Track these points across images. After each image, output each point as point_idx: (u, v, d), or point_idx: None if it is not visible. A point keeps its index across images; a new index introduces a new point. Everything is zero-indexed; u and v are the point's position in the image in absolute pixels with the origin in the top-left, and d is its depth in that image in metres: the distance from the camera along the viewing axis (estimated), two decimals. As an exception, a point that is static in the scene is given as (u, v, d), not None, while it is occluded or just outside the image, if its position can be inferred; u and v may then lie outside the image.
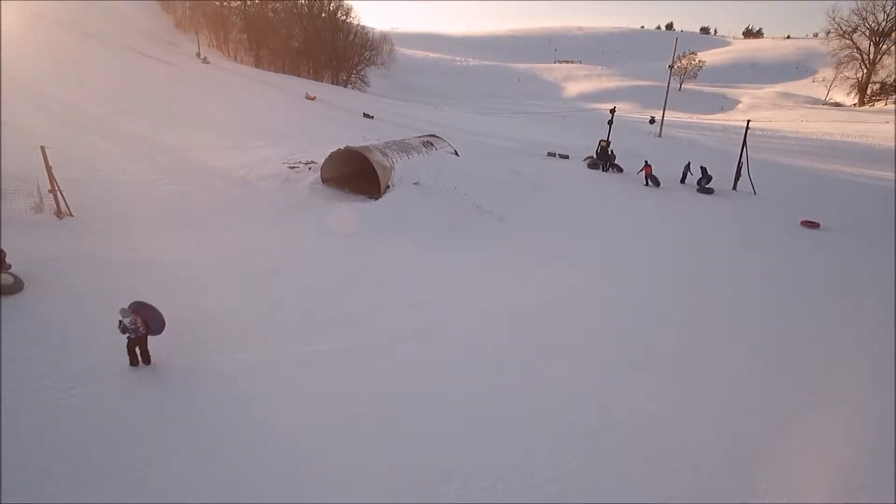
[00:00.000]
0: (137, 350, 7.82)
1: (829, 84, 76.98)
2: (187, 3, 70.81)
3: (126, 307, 7.75)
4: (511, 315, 11.09)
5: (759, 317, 11.75)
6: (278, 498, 5.76)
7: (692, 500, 6.03)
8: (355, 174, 20.38)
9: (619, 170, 27.71)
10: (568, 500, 5.92)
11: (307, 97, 47.13)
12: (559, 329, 10.56)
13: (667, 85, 48.23)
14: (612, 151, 28.34)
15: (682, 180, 25.76)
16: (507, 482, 6.10)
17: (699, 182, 24.95)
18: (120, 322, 7.58)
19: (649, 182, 25.52)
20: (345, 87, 73.28)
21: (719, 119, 60.37)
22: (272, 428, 6.86)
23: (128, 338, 7.66)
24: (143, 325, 7.67)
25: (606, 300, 12.41)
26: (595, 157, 29.00)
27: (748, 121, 26.30)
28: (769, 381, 8.97)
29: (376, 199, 18.49)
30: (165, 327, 8.00)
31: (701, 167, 25.14)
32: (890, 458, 6.97)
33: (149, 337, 7.94)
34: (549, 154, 31.16)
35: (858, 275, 14.91)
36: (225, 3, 71.98)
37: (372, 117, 42.62)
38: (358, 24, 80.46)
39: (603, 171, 27.90)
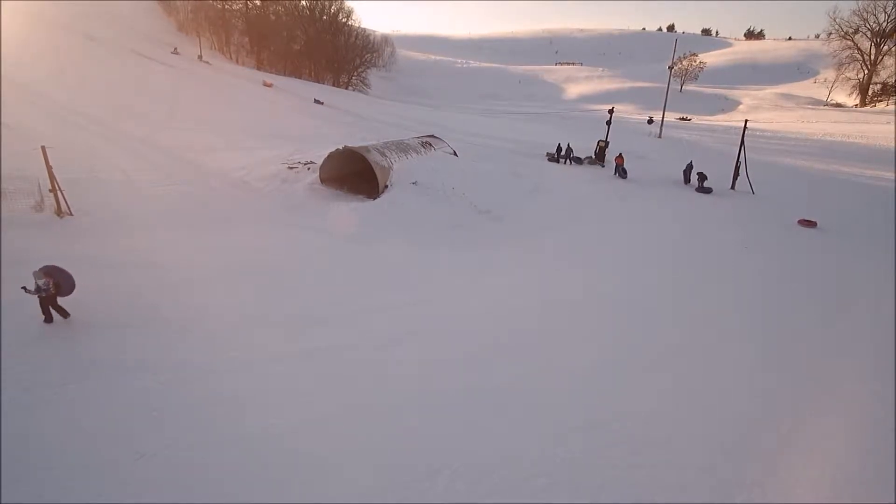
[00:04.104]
0: (50, 308, 8.70)
1: (831, 85, 76.99)
2: (189, 6, 71.21)
3: (38, 270, 8.51)
4: (508, 315, 11.13)
5: (754, 315, 11.78)
6: (268, 492, 5.82)
7: (678, 493, 6.08)
8: (354, 174, 20.51)
9: (579, 162, 29.43)
10: (554, 493, 5.98)
11: (264, 84, 50.39)
12: (556, 328, 10.60)
13: (667, 86, 48.37)
14: (569, 145, 29.76)
15: (686, 181, 25.77)
16: (494, 476, 6.15)
17: (687, 176, 25.64)
18: (35, 284, 8.37)
19: (618, 173, 26.66)
20: (346, 89, 73.58)
21: (720, 120, 60.41)
22: (264, 424, 6.92)
23: (39, 297, 8.51)
24: (54, 286, 8.55)
25: (605, 299, 12.44)
26: (594, 156, 29.52)
27: (745, 121, 26.39)
28: (764, 380, 8.97)
29: (374, 199, 18.60)
30: (76, 289, 8.88)
31: (689, 166, 25.56)
32: (890, 458, 6.98)
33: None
34: (549, 155, 31.33)
35: (855, 273, 14.92)
36: (226, 6, 72.36)
37: (322, 103, 46.05)
38: (359, 27, 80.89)
39: (565, 163, 29.57)
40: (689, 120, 58.97)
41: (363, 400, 7.61)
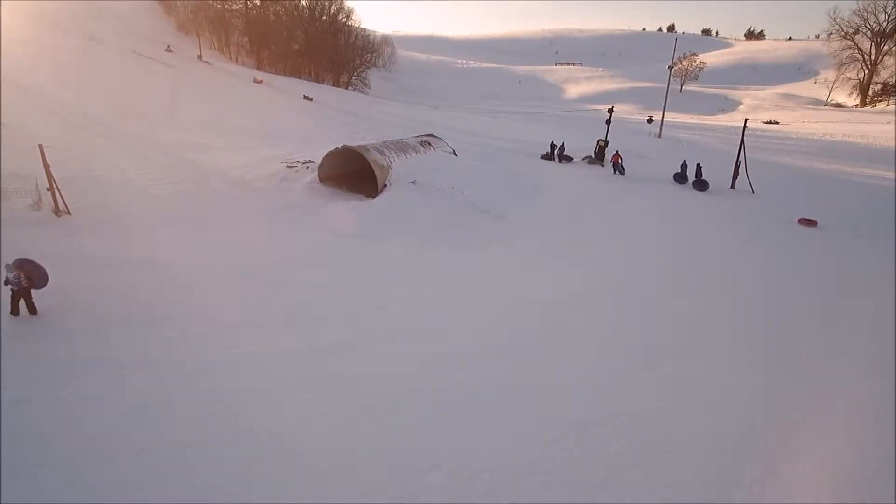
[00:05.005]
0: (22, 301, 8.72)
1: (831, 85, 76.90)
2: (189, 6, 71.22)
3: (10, 263, 8.61)
4: (507, 313, 11.12)
5: (754, 314, 11.74)
6: (266, 491, 5.80)
7: (676, 491, 6.05)
8: (353, 173, 20.49)
9: (569, 159, 29.76)
10: (552, 491, 5.95)
11: (255, 80, 50.51)
12: (555, 327, 10.58)
13: (667, 86, 48.36)
14: (563, 144, 30.11)
15: (682, 179, 25.95)
16: (492, 473, 6.13)
17: (680, 175, 26.01)
18: (5, 277, 8.49)
19: (616, 171, 27.33)
20: (345, 89, 73.60)
21: (720, 120, 60.38)
22: (262, 423, 6.90)
23: (11, 290, 8.59)
24: (25, 279, 8.59)
25: (605, 298, 12.41)
26: (593, 155, 29.61)
27: (745, 119, 26.40)
28: (764, 380, 8.94)
29: (374, 198, 18.56)
30: (49, 282, 8.94)
31: (683, 165, 25.82)
32: (890, 459, 6.93)
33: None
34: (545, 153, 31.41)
35: (855, 272, 14.89)
36: (226, 6, 72.37)
37: (311, 99, 46.95)
38: (359, 27, 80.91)
39: (559, 161, 29.79)
40: (778, 123, 56.07)
41: (362, 398, 7.58)
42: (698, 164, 25.16)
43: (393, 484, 5.94)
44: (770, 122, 56.84)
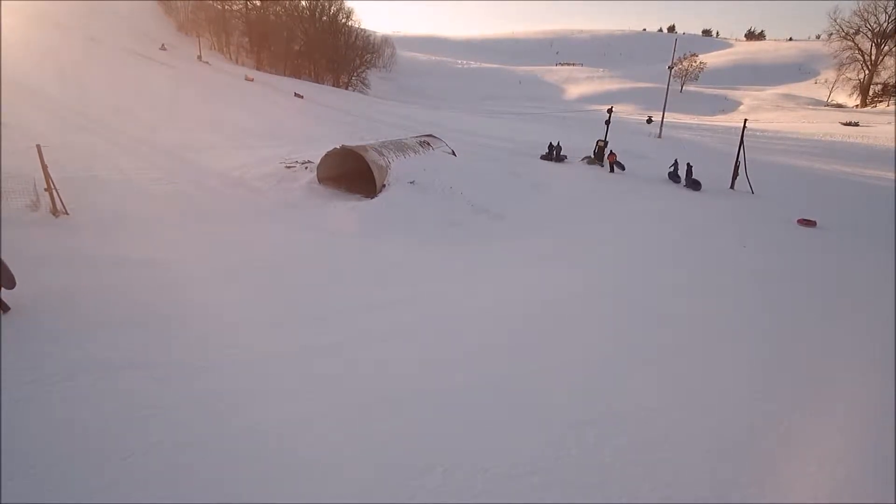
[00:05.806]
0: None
1: (831, 85, 77.00)
2: (189, 6, 71.29)
3: None
4: (505, 313, 11.10)
5: (754, 315, 11.72)
6: (262, 491, 5.78)
7: (674, 491, 6.03)
8: (352, 173, 20.49)
9: (563, 159, 30.02)
10: (549, 491, 5.94)
11: (246, 78, 51.01)
12: (554, 327, 10.55)
13: (667, 86, 48.37)
14: (559, 143, 30.26)
15: (675, 178, 26.11)
16: (488, 474, 6.10)
17: (672, 174, 26.24)
18: None
19: (614, 169, 27.74)
20: (346, 89, 73.63)
21: (720, 121, 60.40)
22: (260, 423, 6.88)
23: None
24: None
25: (605, 298, 12.38)
26: (593, 156, 29.69)
27: (745, 120, 26.43)
28: (764, 380, 8.91)
29: (372, 198, 18.56)
30: (16, 284, 8.89)
31: (675, 164, 26.26)
32: (890, 459, 6.91)
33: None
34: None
35: (855, 273, 14.89)
36: (226, 6, 72.41)
37: (302, 97, 47.53)
38: (359, 27, 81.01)
39: (555, 161, 29.93)
40: (858, 125, 52.75)
41: (361, 398, 7.56)
42: (689, 164, 25.25)
43: (392, 483, 5.92)
44: (849, 124, 53.44)
